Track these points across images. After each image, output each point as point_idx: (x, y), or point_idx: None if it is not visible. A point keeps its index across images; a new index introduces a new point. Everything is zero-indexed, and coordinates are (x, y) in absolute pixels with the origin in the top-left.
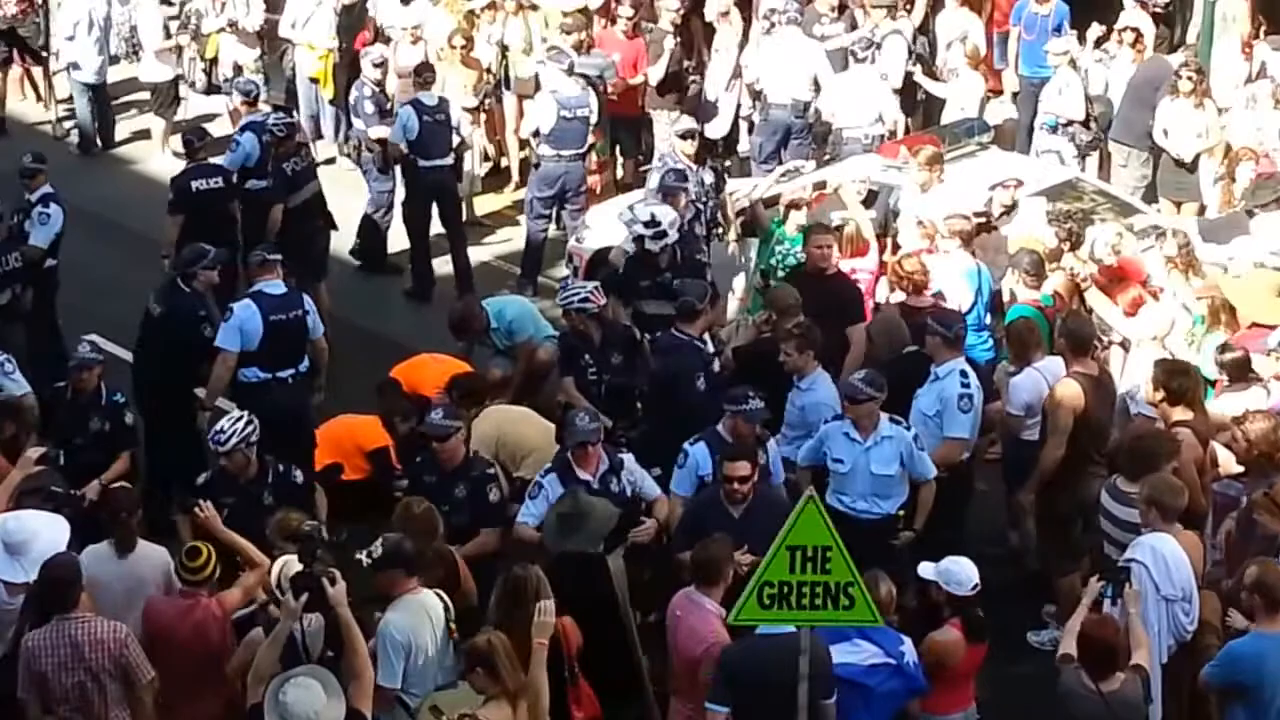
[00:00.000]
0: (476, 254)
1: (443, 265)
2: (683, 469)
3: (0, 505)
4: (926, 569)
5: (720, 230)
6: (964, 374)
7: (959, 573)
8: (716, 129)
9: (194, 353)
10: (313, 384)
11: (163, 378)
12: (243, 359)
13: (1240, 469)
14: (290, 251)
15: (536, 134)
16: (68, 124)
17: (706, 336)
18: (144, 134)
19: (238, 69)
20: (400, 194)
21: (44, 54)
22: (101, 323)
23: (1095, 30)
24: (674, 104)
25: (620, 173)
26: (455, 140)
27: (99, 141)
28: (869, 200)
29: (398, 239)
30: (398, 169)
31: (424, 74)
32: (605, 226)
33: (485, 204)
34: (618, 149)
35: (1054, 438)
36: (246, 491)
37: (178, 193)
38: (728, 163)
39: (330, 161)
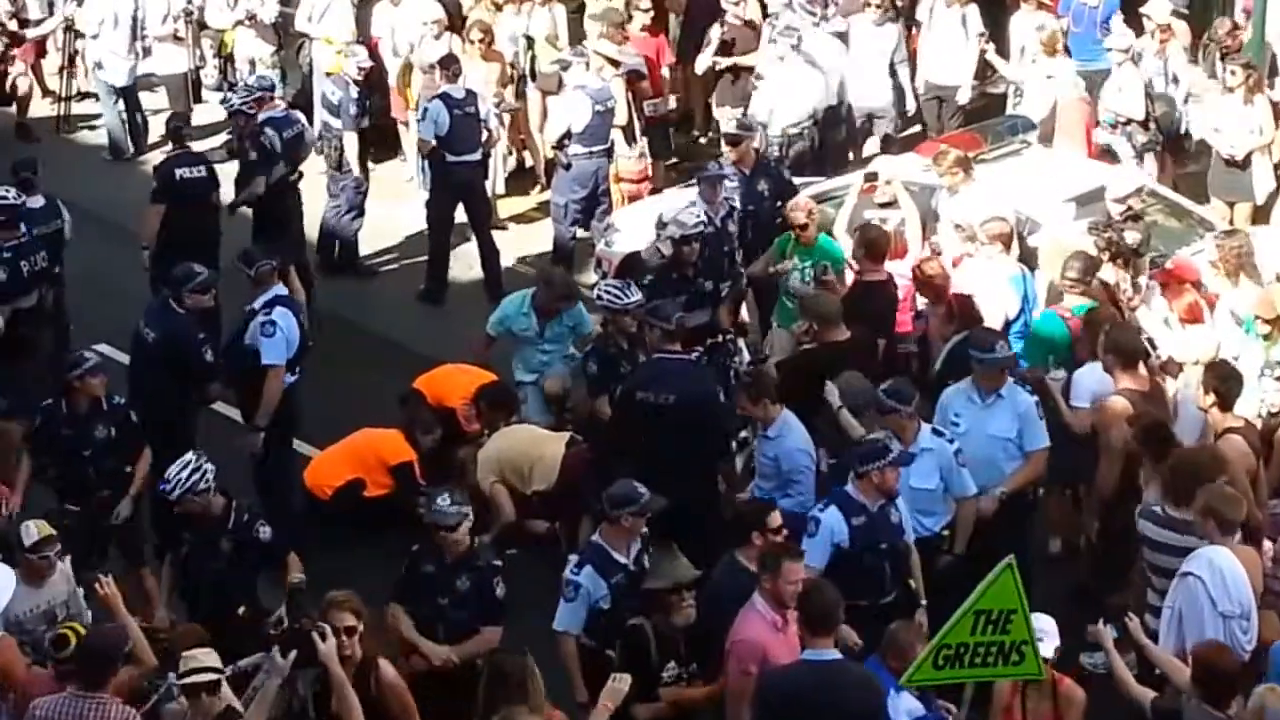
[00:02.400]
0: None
1: (462, 271)
2: (815, 538)
3: None
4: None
5: None
6: (1021, 382)
7: (1054, 628)
8: None
9: (193, 378)
10: None
11: (159, 404)
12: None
13: None
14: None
15: (568, 135)
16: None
17: (742, 344)
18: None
19: (253, 64)
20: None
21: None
22: (114, 330)
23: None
24: (739, 100)
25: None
26: (484, 135)
27: (131, 146)
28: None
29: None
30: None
31: (451, 66)
32: (634, 229)
33: (509, 206)
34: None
35: (1108, 458)
36: (206, 534)
37: (161, 181)
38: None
39: None
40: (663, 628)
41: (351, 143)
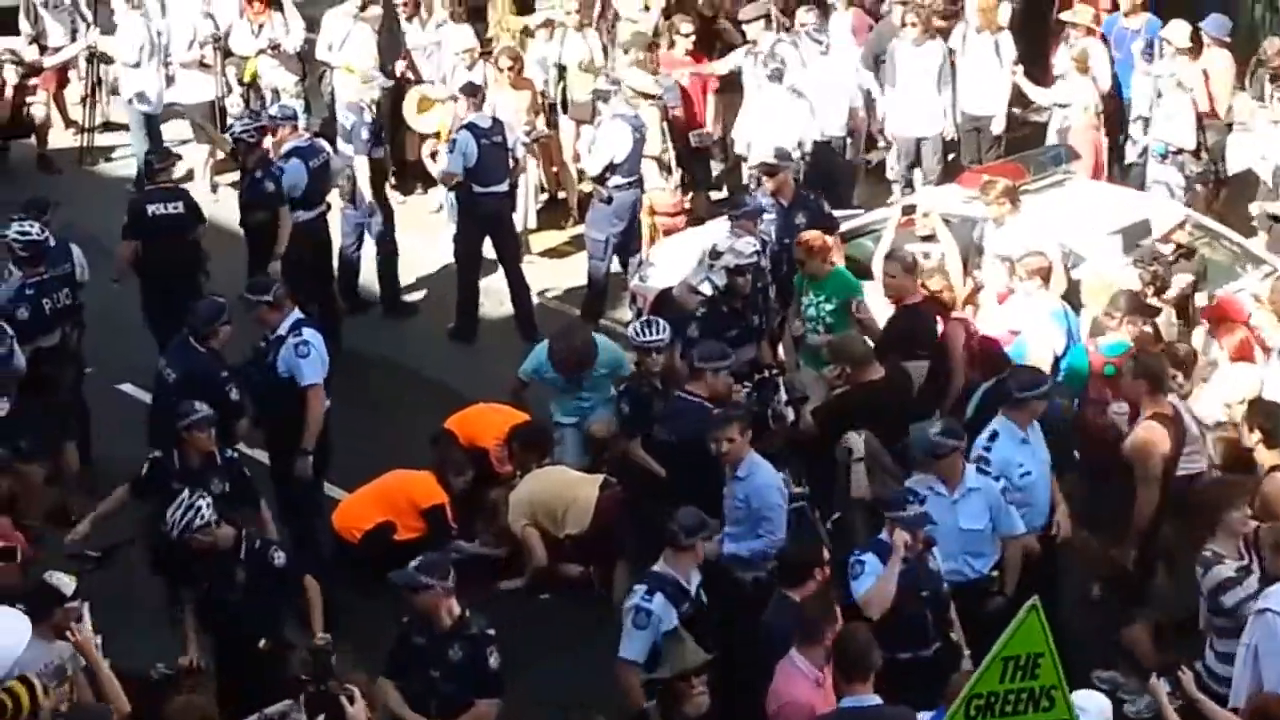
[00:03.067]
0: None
1: (493, 307)
2: (862, 577)
3: None
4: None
5: None
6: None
7: (1100, 706)
8: None
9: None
10: None
11: None
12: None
13: None
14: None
15: (611, 167)
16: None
17: (780, 383)
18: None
19: (276, 94)
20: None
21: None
22: (135, 370)
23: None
24: None
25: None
26: (511, 165)
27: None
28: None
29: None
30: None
31: (475, 94)
32: (670, 264)
33: (542, 240)
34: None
35: (1146, 488)
36: (219, 567)
37: (131, 217)
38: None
39: None
40: (674, 717)
41: (363, 168)
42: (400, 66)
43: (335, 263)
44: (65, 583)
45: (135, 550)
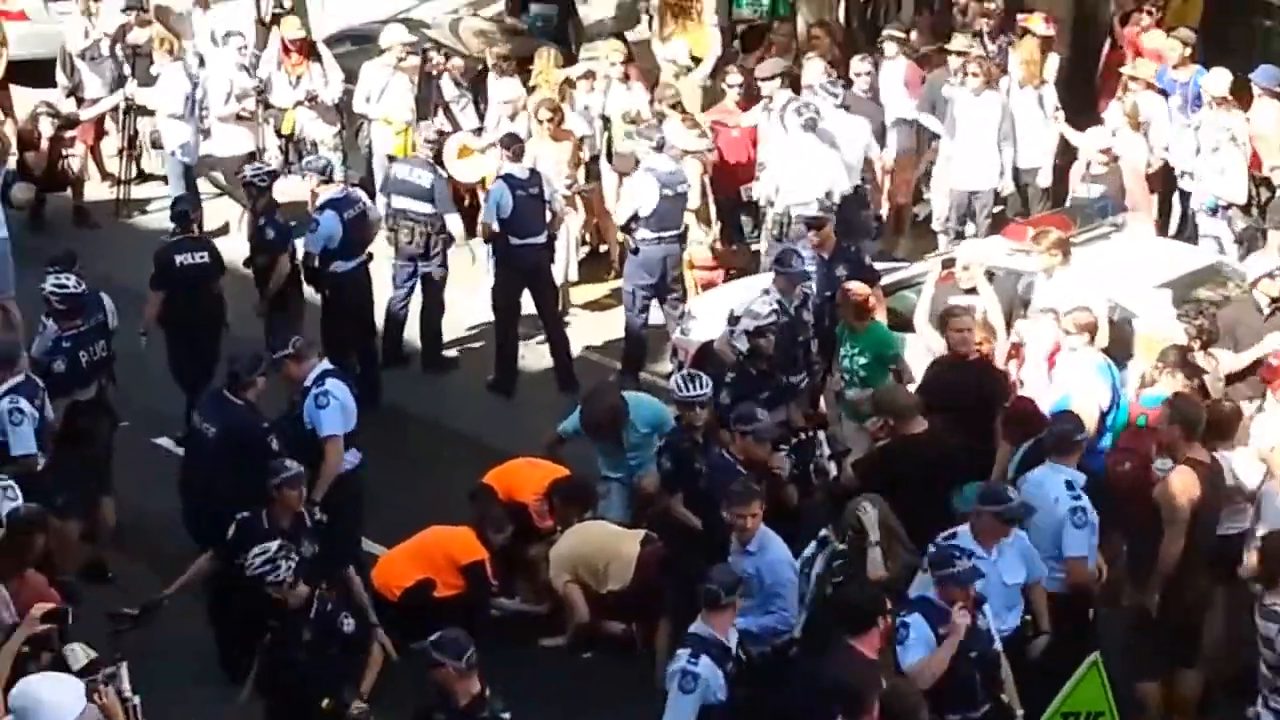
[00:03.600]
0: (572, 347)
1: (534, 361)
2: (909, 641)
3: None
4: None
5: None
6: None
7: None
8: None
9: (261, 469)
10: None
11: (230, 500)
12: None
13: None
14: None
15: (635, 218)
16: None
17: (822, 436)
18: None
19: (314, 146)
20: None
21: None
22: (170, 423)
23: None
24: None
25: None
26: (548, 217)
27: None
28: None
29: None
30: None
31: (513, 145)
32: (711, 317)
33: (583, 293)
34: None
35: (1171, 532)
36: (290, 623)
37: (160, 267)
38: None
39: None
40: None
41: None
42: (440, 121)
43: (381, 315)
44: (77, 656)
45: (184, 605)
